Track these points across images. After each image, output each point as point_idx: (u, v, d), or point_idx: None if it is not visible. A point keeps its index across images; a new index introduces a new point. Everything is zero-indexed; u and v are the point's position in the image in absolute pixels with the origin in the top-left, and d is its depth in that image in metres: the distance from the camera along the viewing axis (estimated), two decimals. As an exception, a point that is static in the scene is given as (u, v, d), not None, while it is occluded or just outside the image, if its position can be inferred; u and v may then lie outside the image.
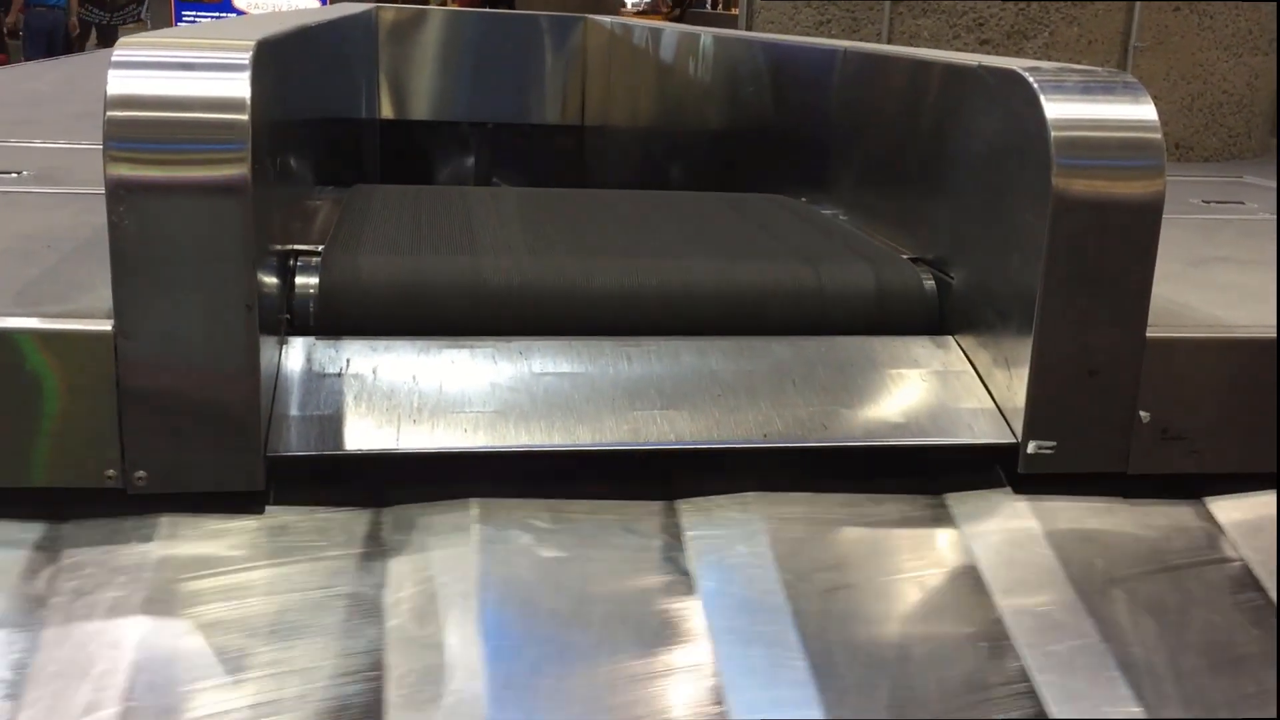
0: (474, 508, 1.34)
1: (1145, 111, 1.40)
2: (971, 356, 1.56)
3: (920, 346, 1.58)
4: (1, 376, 1.24)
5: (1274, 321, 1.51)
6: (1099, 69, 1.49)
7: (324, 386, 1.38)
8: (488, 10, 9.11)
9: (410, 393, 1.39)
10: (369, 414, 1.36)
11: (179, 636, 1.15)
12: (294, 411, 1.35)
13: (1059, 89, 1.40)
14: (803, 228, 1.99)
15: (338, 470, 1.36)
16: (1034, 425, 1.43)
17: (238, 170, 1.20)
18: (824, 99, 2.30)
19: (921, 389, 1.52)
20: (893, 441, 1.45)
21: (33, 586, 1.19)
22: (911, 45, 3.74)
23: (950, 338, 1.60)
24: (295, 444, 1.32)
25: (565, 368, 1.46)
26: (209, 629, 1.16)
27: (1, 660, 1.11)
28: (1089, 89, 1.42)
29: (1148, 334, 1.42)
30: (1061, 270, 1.38)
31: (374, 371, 1.41)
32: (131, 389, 1.24)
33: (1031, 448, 1.43)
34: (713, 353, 1.52)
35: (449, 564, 1.26)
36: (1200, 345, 1.48)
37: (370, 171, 3.89)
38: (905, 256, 1.75)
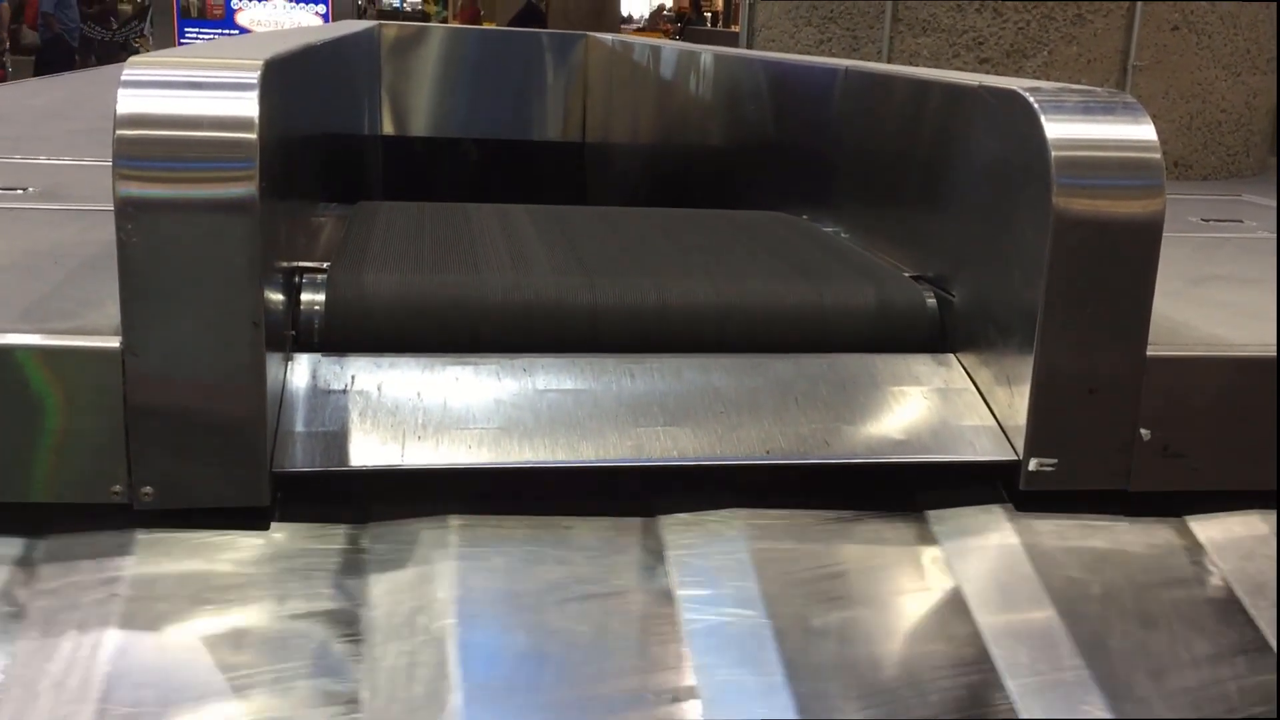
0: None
1: (1145, 131, 1.42)
2: (973, 374, 1.57)
3: (922, 364, 1.59)
4: (9, 392, 1.25)
5: (1273, 340, 1.52)
6: (1098, 89, 1.50)
7: (329, 403, 1.39)
8: (490, 28, 9.15)
9: (415, 409, 1.40)
10: (374, 430, 1.37)
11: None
12: (299, 427, 1.35)
13: (1059, 109, 1.41)
14: (804, 245, 2.00)
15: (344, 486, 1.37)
16: (1035, 443, 1.43)
17: (246, 188, 1.21)
18: (825, 117, 2.32)
19: (923, 406, 1.53)
20: (895, 458, 1.46)
21: None
22: (911, 64, 3.77)
23: (952, 355, 1.61)
24: (300, 460, 1.32)
25: (569, 385, 1.47)
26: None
27: None
28: (1089, 109, 1.43)
29: (1148, 352, 1.43)
30: (1062, 288, 1.39)
31: (379, 388, 1.42)
32: (138, 405, 1.25)
33: (1033, 465, 1.44)
34: (715, 370, 1.53)
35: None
36: (1201, 363, 1.49)
37: (373, 188, 3.90)
38: (907, 274, 1.76)
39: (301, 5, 10.94)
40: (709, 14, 21.23)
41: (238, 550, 1.28)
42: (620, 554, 1.34)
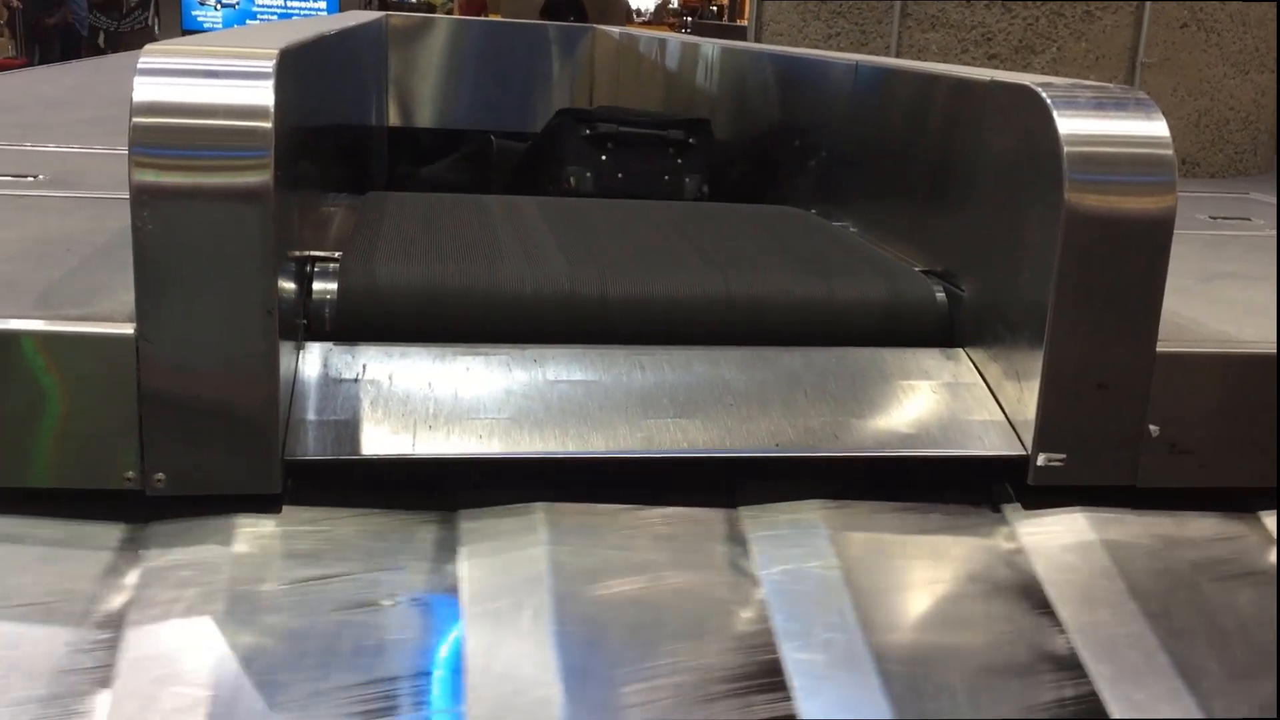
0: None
1: (1157, 128, 1.42)
2: (982, 369, 1.57)
3: (931, 358, 1.60)
4: (23, 378, 1.25)
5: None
6: (1111, 85, 1.51)
7: (340, 392, 1.40)
8: (497, 19, 9.14)
9: (426, 399, 1.41)
10: (385, 419, 1.37)
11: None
12: (311, 416, 1.36)
13: (1071, 105, 1.42)
14: (814, 239, 2.00)
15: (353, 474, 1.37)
16: (1044, 438, 1.44)
17: (260, 177, 1.21)
18: (835, 112, 2.32)
19: (932, 401, 1.53)
20: (903, 452, 1.46)
21: None
22: (920, 59, 3.76)
23: (961, 350, 1.61)
24: (312, 448, 1.33)
25: (579, 376, 1.47)
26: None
27: None
28: (1101, 105, 1.43)
29: (1157, 348, 1.43)
30: (1073, 284, 1.39)
31: (390, 377, 1.42)
32: (152, 392, 1.25)
33: (1041, 460, 1.44)
34: (724, 362, 1.53)
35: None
36: (1209, 360, 1.49)
37: (379, 178, 3.90)
38: (916, 269, 1.76)
39: (301, 1, 10.96)
40: (714, 8, 21.15)
41: None
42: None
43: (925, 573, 1.37)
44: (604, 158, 2.98)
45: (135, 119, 1.20)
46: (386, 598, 1.23)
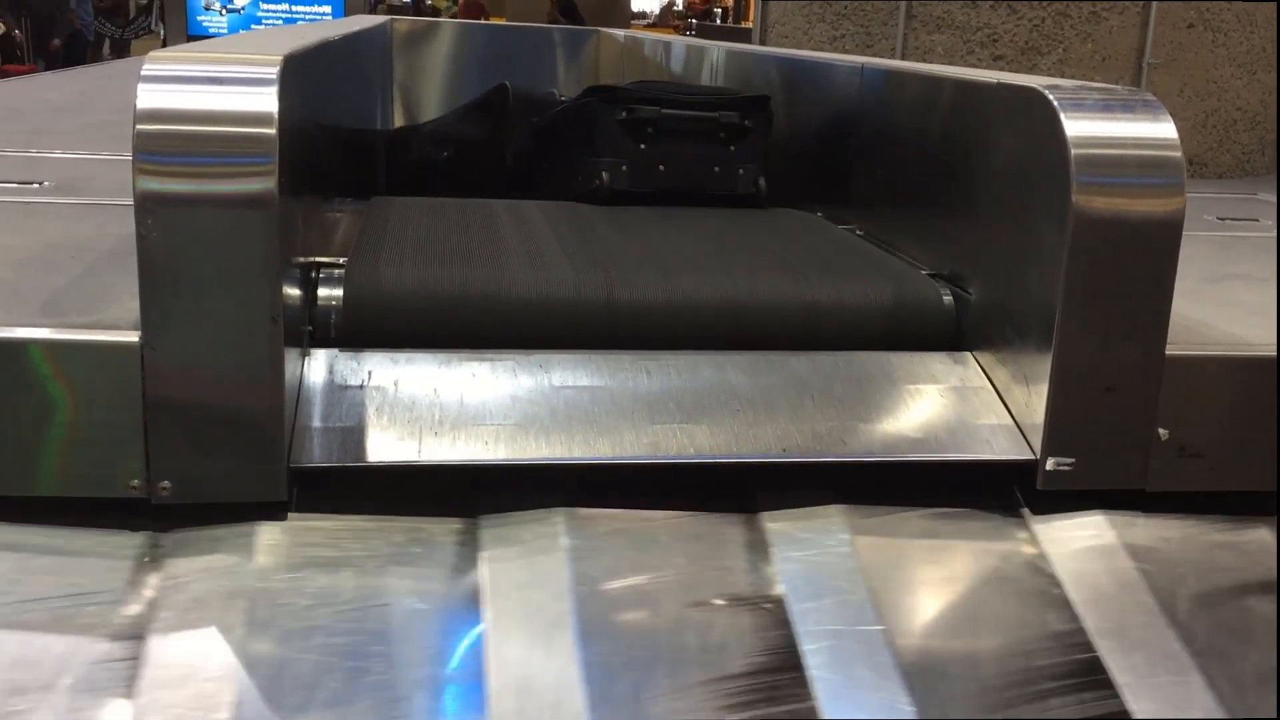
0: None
1: (1165, 130, 1.41)
2: (990, 373, 1.56)
3: (938, 362, 1.59)
4: (28, 386, 1.25)
5: None
6: (1118, 87, 1.50)
7: (346, 398, 1.39)
8: (500, 23, 9.15)
9: (431, 405, 1.40)
10: (390, 426, 1.37)
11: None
12: (316, 423, 1.36)
13: (1079, 107, 1.41)
14: (820, 242, 1.99)
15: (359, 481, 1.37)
16: (1053, 442, 1.43)
17: (265, 183, 1.21)
18: (841, 114, 2.31)
19: (940, 405, 1.52)
20: (911, 457, 1.46)
21: None
22: (925, 61, 3.76)
23: (968, 354, 1.61)
24: (318, 455, 1.32)
25: (585, 381, 1.47)
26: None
27: None
28: (1109, 107, 1.42)
29: (1166, 351, 1.42)
30: (1081, 287, 1.38)
31: (395, 384, 1.42)
32: (157, 400, 1.25)
33: (1050, 464, 1.43)
34: (731, 367, 1.53)
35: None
36: (1219, 363, 1.48)
37: (383, 183, 3.90)
38: (923, 272, 1.75)
39: (306, 6, 10.97)
40: (718, 10, 21.14)
41: None
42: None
43: (1223, 574, 1.39)
44: (643, 146, 2.45)
45: (139, 126, 1.19)
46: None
